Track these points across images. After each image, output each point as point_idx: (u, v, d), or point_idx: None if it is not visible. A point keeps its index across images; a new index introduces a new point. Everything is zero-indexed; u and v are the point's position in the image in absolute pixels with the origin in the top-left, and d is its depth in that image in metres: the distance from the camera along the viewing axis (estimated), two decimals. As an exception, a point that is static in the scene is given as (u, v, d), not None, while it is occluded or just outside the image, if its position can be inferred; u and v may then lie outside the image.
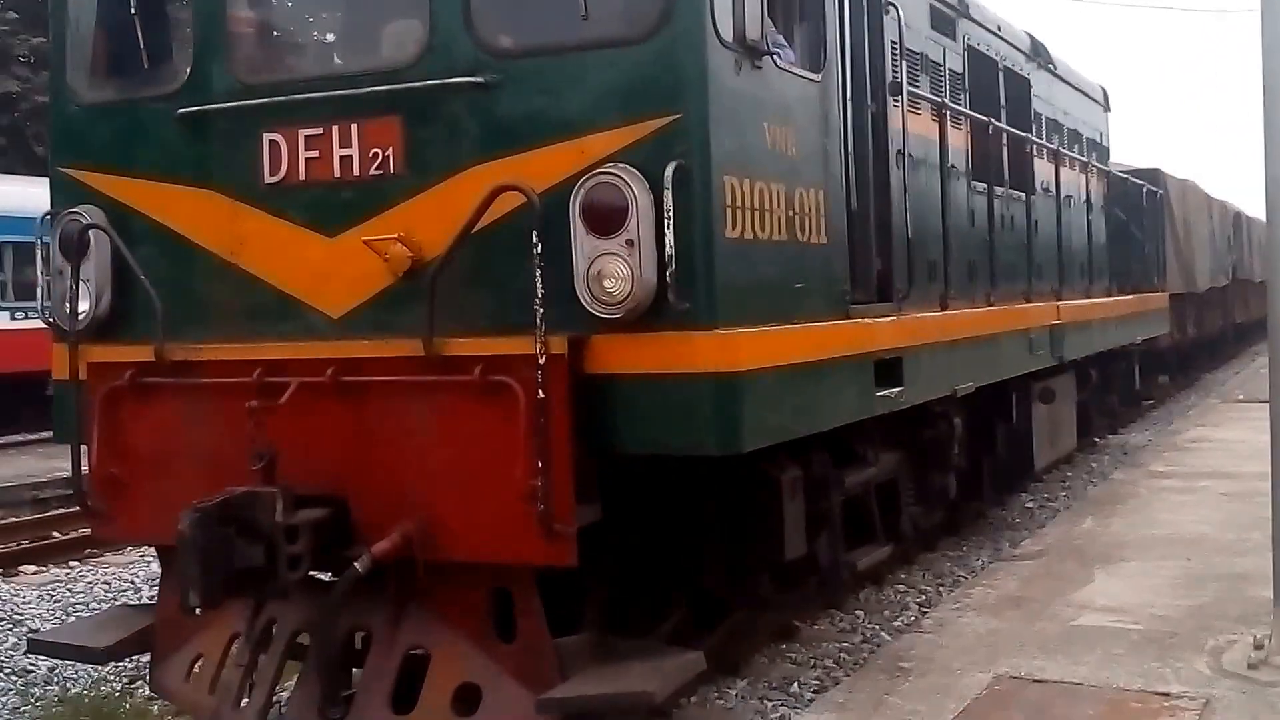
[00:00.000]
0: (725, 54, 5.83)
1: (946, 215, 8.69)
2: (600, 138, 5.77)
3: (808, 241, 6.55)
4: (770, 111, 6.22)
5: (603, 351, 5.73)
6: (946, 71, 10.18)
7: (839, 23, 7.01)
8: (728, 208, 5.79)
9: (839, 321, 6.82)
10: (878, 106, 7.66)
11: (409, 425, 5.85)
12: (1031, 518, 12.24)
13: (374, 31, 6.55)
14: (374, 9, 6.51)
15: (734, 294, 5.81)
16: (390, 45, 6.39)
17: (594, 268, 5.64)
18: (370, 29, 6.57)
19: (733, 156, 5.86)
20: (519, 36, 6.09)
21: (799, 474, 6.78)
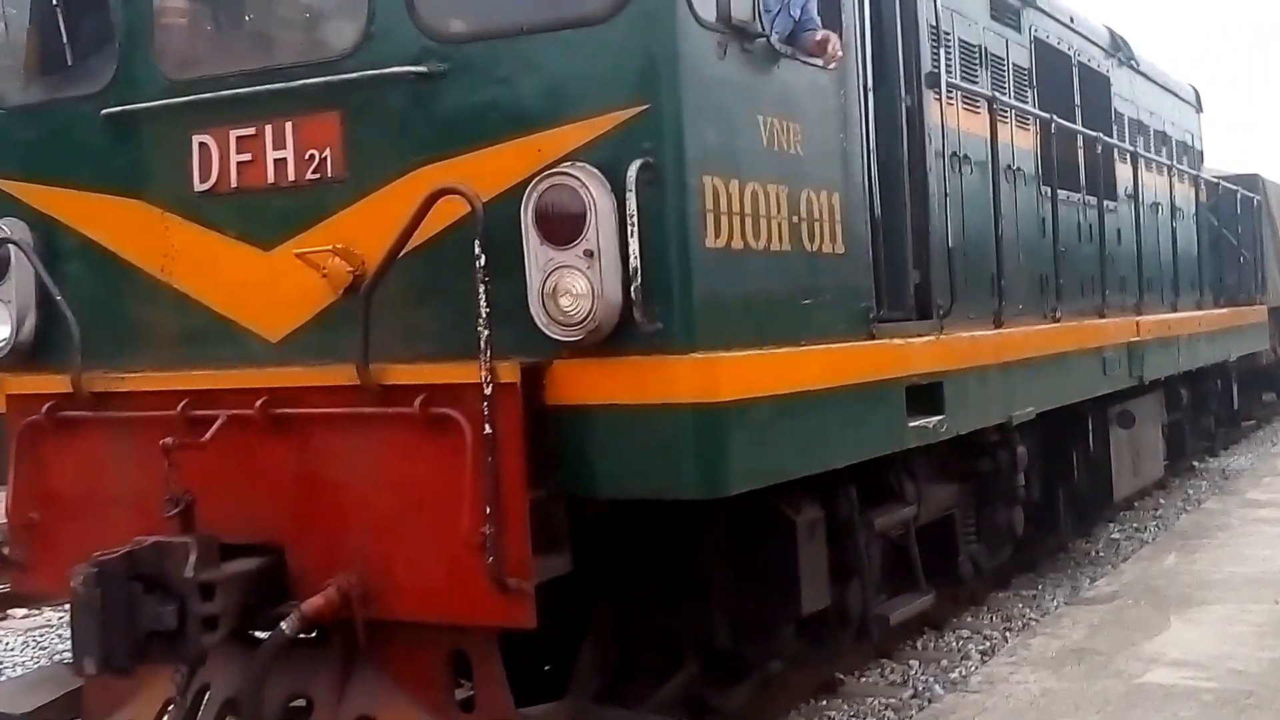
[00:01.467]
0: (705, 36, 4.93)
1: (1001, 222, 7.67)
2: (559, 133, 4.91)
3: (818, 251, 5.60)
4: (767, 103, 5.30)
5: (565, 379, 4.86)
6: (1010, 66, 9.18)
7: (856, 4, 6.06)
8: (709, 212, 4.88)
9: (860, 342, 5.86)
10: (913, 100, 6.70)
11: (346, 464, 5.03)
12: (1116, 551, 11.09)
13: (312, 18, 5.76)
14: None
15: (717, 312, 4.90)
16: (328, 33, 5.59)
17: (549, 283, 4.78)
18: (308, 15, 5.77)
19: (716, 154, 4.95)
20: (468, 20, 5.24)
21: (819, 515, 5.84)
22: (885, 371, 5.99)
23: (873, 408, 5.87)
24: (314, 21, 5.73)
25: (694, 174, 4.81)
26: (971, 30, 8.51)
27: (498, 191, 4.94)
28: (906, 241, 6.62)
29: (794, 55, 5.49)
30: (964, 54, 8.30)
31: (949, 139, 7.52)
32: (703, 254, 4.83)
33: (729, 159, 5.03)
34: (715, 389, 4.75)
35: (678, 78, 4.79)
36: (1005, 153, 8.73)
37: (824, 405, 5.45)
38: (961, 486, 7.96)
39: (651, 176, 4.73)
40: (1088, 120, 10.52)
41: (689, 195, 4.79)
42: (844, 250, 5.80)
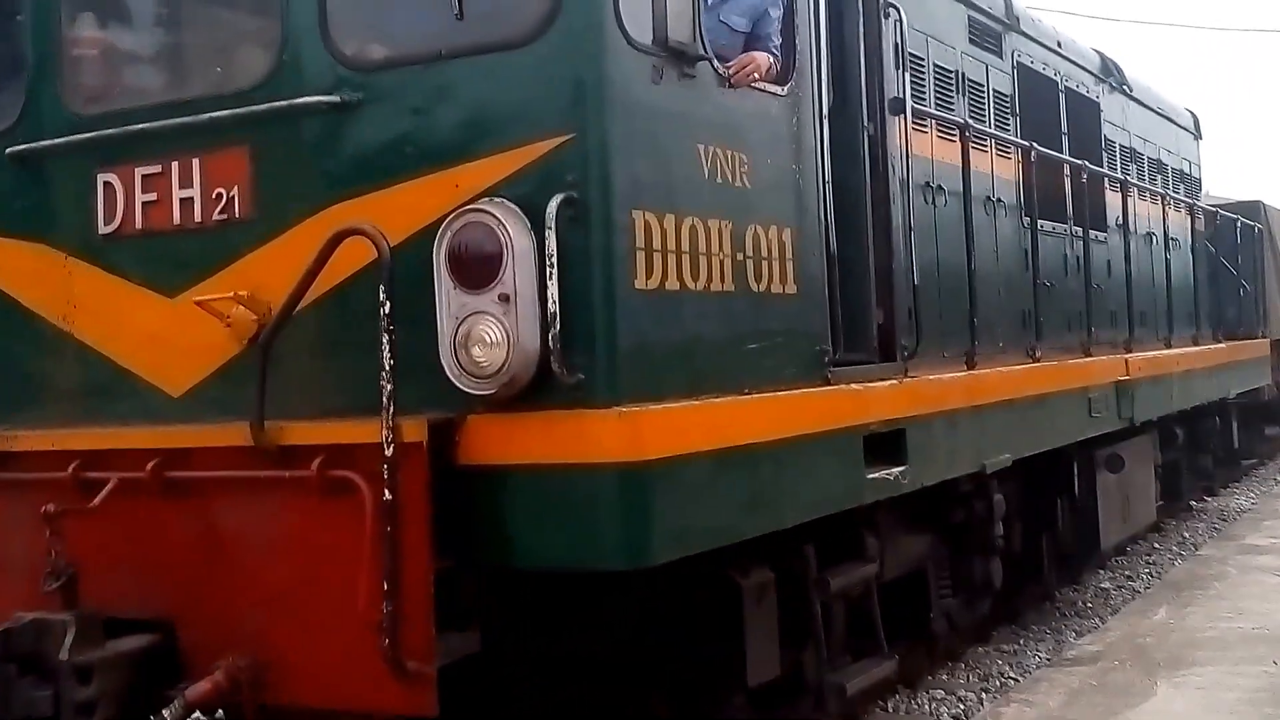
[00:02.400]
0: (637, 60, 4.62)
1: (974, 256, 7.33)
2: (478, 167, 4.59)
3: (766, 291, 5.27)
4: (709, 131, 4.98)
5: (480, 437, 4.52)
6: (990, 92, 8.89)
7: (814, 25, 5.74)
8: (639, 251, 4.55)
9: (814, 389, 5.52)
10: (876, 127, 6.38)
11: (241, 533, 4.68)
12: (1105, 601, 10.69)
13: (224, 47, 5.43)
14: (224, 20, 5.40)
15: (647, 360, 4.57)
16: (240, 63, 5.26)
17: (461, 331, 4.45)
18: (220, 44, 5.45)
19: (648, 187, 4.63)
20: (384, 46, 4.94)
21: (768, 577, 5.49)
22: (841, 420, 5.65)
23: (826, 460, 5.52)
24: (226, 50, 5.40)
25: (622, 209, 4.49)
26: (947, 55, 8.21)
27: (413, 231, 4.64)
28: (868, 278, 6.29)
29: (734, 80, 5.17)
30: (939, 80, 8.00)
31: (917, 168, 7.20)
32: (631, 296, 4.50)
33: (664, 192, 4.71)
34: (641, 446, 4.41)
35: (604, 104, 4.47)
36: (983, 182, 8.44)
37: (771, 459, 5.11)
38: (934, 538, 7.60)
39: (575, 212, 4.41)
40: (1076, 148, 10.22)
41: (616, 232, 4.46)
42: (796, 290, 5.47)
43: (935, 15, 8.15)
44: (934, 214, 7.52)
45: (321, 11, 4.89)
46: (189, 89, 5.29)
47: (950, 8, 8.44)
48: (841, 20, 6.38)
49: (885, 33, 6.44)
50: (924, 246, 7.26)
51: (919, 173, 7.32)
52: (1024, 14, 9.74)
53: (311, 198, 4.88)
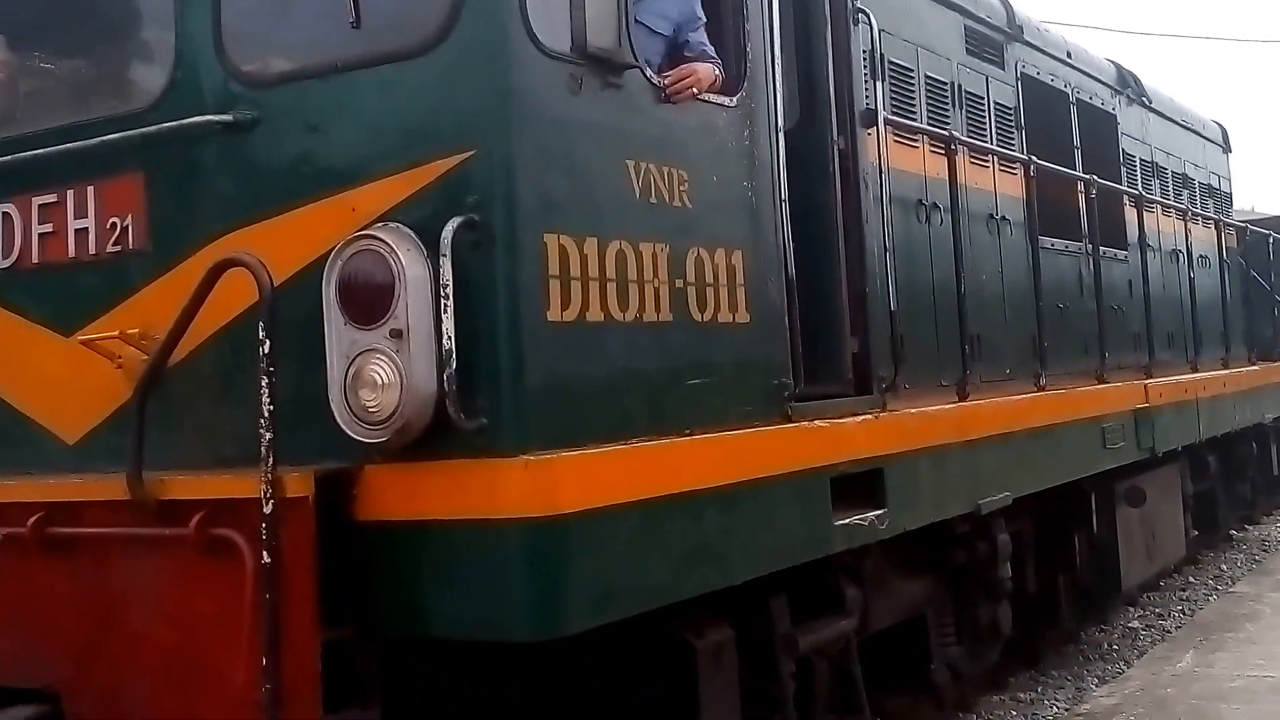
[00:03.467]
0: (551, 68, 4.18)
1: (964, 278, 6.83)
2: (376, 189, 4.16)
3: (712, 321, 4.80)
4: (641, 146, 4.53)
5: (377, 490, 4.08)
6: (990, 105, 8.40)
7: (768, 31, 5.27)
8: (553, 279, 4.10)
9: (769, 427, 5.03)
10: (846, 142, 5.90)
11: (125, 596, 4.25)
12: (1133, 643, 10.07)
13: (120, 65, 5.04)
14: (120, 37, 4.99)
15: (563, 401, 4.10)
16: (136, 82, 4.87)
17: (351, 371, 4.01)
18: (116, 62, 5.05)
19: (564, 208, 4.18)
20: (280, 58, 4.52)
21: (727, 636, 5.00)
22: (803, 460, 5.15)
23: (786, 506, 5.03)
24: (122, 69, 5.01)
25: (532, 233, 4.04)
26: (940, 66, 7.74)
27: (308, 261, 4.22)
28: (840, 304, 5.81)
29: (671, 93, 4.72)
30: (932, 92, 7.53)
31: (903, 185, 6.75)
32: (542, 330, 4.04)
33: (584, 214, 4.26)
34: (552, 499, 3.94)
35: (509, 117, 4.03)
36: (984, 200, 7.96)
37: (717, 507, 4.63)
38: (934, 581, 7.09)
39: (477, 237, 3.97)
40: (1091, 163, 9.69)
41: (524, 258, 4.01)
42: (749, 318, 5.00)
43: (926, 24, 7.69)
44: (927, 233, 7.05)
45: (215, 24, 4.49)
46: (87, 112, 4.90)
47: (944, 17, 7.97)
48: (808, 28, 5.93)
49: (855, 40, 5.96)
50: (910, 268, 6.80)
51: (907, 190, 6.88)
52: (1028, 23, 9.25)
53: (206, 226, 4.48)
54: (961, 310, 6.74)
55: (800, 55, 5.95)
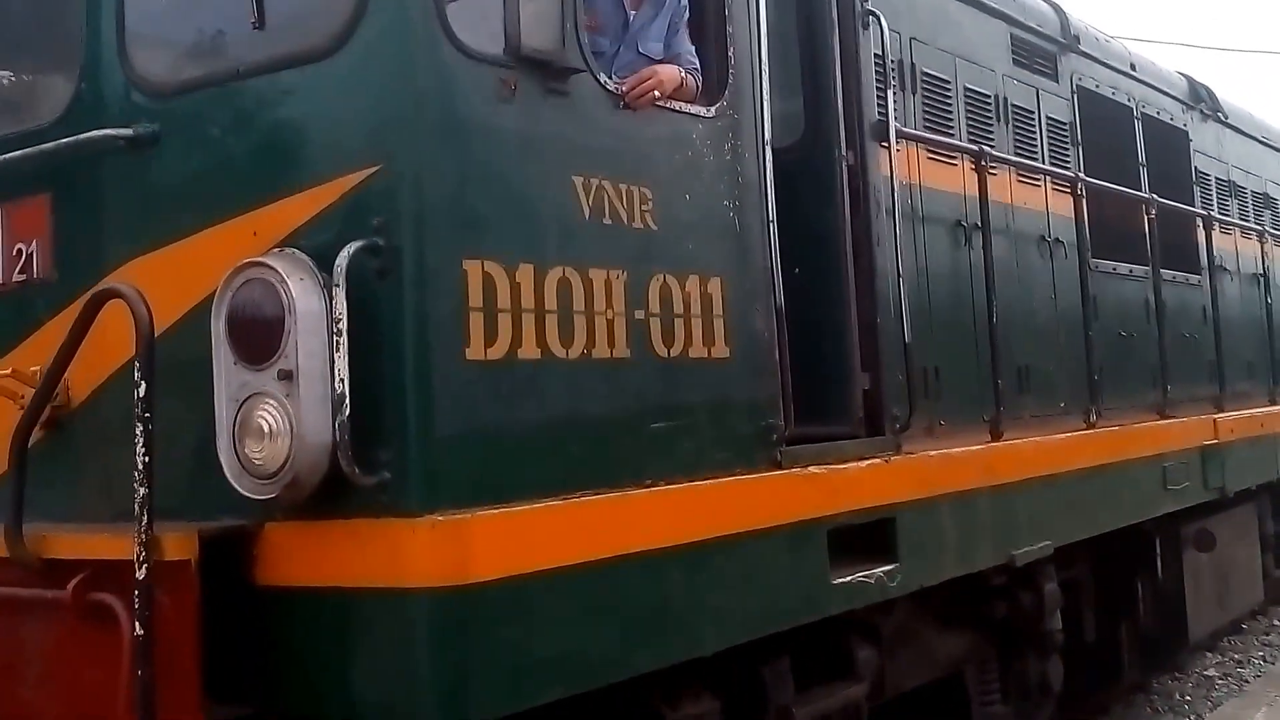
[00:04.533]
0: (474, 71, 3.63)
1: (996, 306, 6.14)
2: (278, 209, 3.64)
3: (682, 356, 4.20)
4: (591, 160, 3.95)
5: (277, 552, 3.55)
6: (1042, 119, 7.72)
7: (755, 33, 4.67)
8: (475, 311, 3.53)
9: (751, 475, 4.41)
10: (855, 156, 5.27)
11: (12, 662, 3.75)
12: (1207, 694, 9.24)
13: (30, 77, 4.58)
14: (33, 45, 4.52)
15: (485, 451, 3.53)
16: (43, 95, 4.41)
17: (240, 417, 3.48)
18: (27, 73, 4.59)
19: (490, 230, 3.62)
20: (181, 65, 4.02)
21: (709, 708, 4.39)
22: (793, 511, 4.53)
23: (771, 563, 4.40)
24: (35, 80, 4.56)
25: (448, 259, 3.49)
26: (983, 78, 7.09)
27: (209, 291, 3.67)
28: (849, 336, 5.18)
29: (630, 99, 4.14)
30: (972, 105, 6.89)
31: (931, 204, 6.12)
32: (459, 370, 3.48)
33: (518, 237, 3.69)
34: (465, 565, 3.36)
35: (419, 126, 3.49)
36: (1033, 221, 7.31)
37: (681, 568, 4.02)
38: (974, 636, 6.40)
39: (383, 264, 3.43)
40: (1159, 182, 8.93)
41: (437, 288, 3.46)
42: (728, 353, 4.39)
43: (965, 33, 7.04)
44: (968, 257, 6.41)
45: (119, 28, 4.01)
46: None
47: (986, 25, 7.32)
48: (813, 33, 5.32)
49: (864, 46, 5.34)
50: (947, 295, 6.17)
51: (943, 210, 6.25)
52: (1085, 32, 8.54)
53: (112, 253, 3.99)
54: (994, 339, 6.05)
55: (805, 63, 5.36)
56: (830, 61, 5.25)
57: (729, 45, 4.56)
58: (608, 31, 4.34)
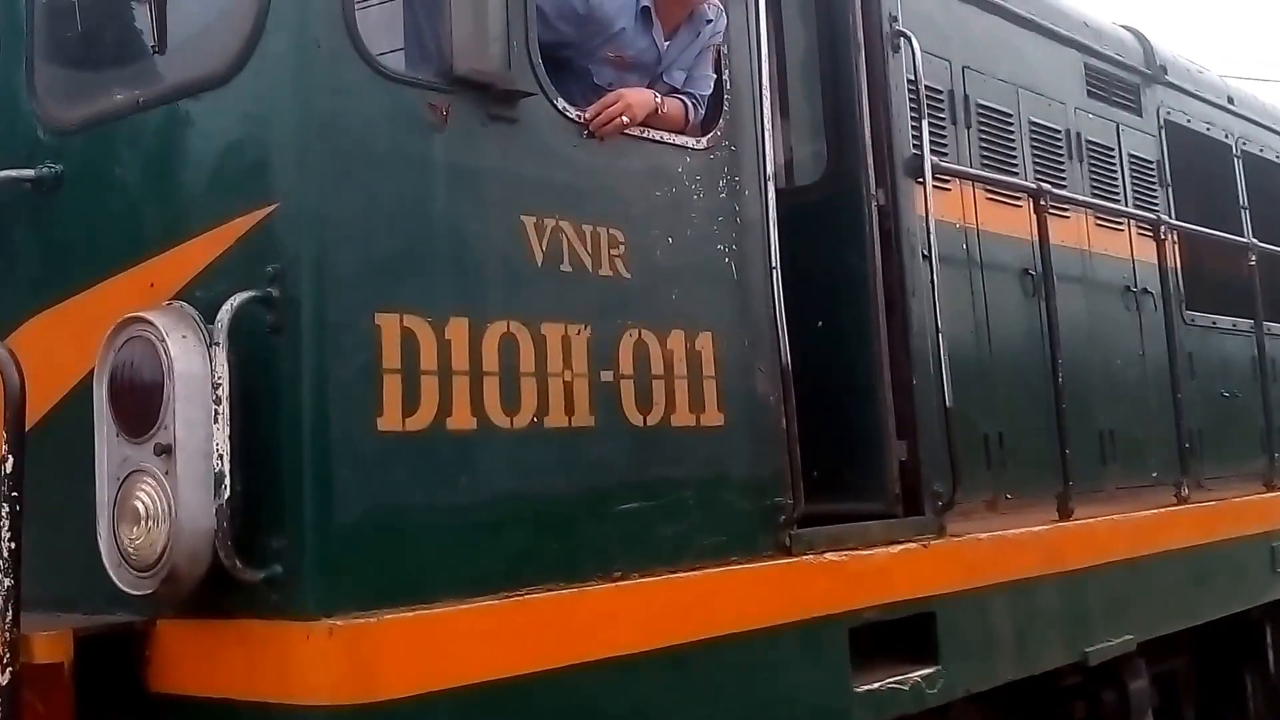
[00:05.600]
0: (393, 96, 3.23)
1: (1061, 362, 5.57)
2: (175, 257, 3.27)
3: (661, 425, 3.72)
4: (545, 198, 3.52)
5: (170, 654, 3.14)
6: (1123, 156, 7.19)
7: (756, 55, 4.21)
8: (391, 374, 3.10)
9: (750, 564, 3.91)
10: (886, 195, 4.79)
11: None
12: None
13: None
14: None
15: (398, 541, 3.08)
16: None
17: (120, 497, 3.08)
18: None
19: (413, 279, 3.20)
20: (88, 99, 3.67)
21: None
22: (805, 606, 4.00)
23: (773, 668, 3.87)
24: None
25: (356, 311, 3.08)
26: (1052, 111, 6.60)
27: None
28: (881, 399, 4.68)
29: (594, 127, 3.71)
30: (1038, 140, 6.39)
31: (991, 250, 5.66)
32: (369, 444, 3.05)
33: (447, 286, 3.27)
34: (372, 680, 2.91)
35: (322, 158, 3.09)
36: (1113, 269, 6.76)
37: (653, 678, 3.52)
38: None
39: (277, 319, 3.02)
40: (1263, 225, 8.30)
41: (341, 346, 3.04)
42: (722, 420, 3.91)
43: (1029, 62, 6.56)
44: (1033, 309, 5.88)
45: (28, 60, 3.70)
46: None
47: (1056, 53, 6.83)
48: (836, 57, 4.88)
49: (893, 71, 4.86)
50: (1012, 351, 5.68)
51: (1005, 256, 5.77)
52: (1174, 62, 7.98)
53: (16, 306, 3.65)
54: (1059, 401, 5.49)
55: (827, 91, 4.91)
56: (855, 89, 4.79)
57: (724, 68, 4.13)
58: (638, 68, 3.96)
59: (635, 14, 3.91)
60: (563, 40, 3.82)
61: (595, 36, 3.86)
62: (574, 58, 3.86)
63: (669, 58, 4.00)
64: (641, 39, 3.94)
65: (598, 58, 3.87)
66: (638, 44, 3.93)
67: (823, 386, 4.64)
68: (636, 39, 3.92)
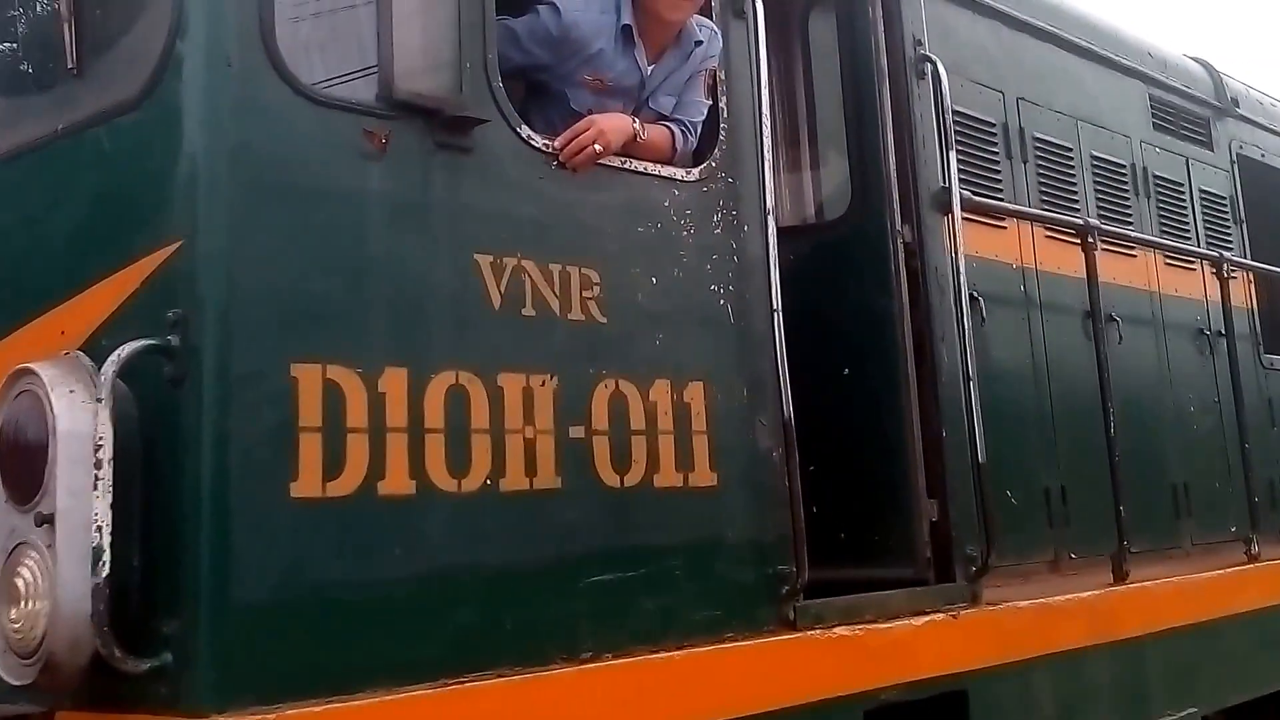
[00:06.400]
0: (321, 121, 2.79)
1: (1113, 410, 4.96)
2: (85, 302, 2.85)
3: (641, 486, 3.21)
4: (503, 234, 3.05)
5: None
6: (1194, 192, 6.57)
7: (756, 78, 3.71)
8: (309, 433, 2.64)
9: (752, 640, 3.38)
10: (913, 231, 4.26)
11: None
12: None
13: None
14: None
15: (312, 626, 2.61)
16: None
17: (5, 572, 2.66)
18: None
19: (340, 324, 2.75)
20: (12, 128, 3.28)
21: None
22: (813, 686, 3.46)
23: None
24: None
25: (267, 361, 2.63)
26: (1114, 145, 6.01)
27: (16, 405, 2.90)
28: (910, 453, 4.13)
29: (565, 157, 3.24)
30: (1101, 176, 5.82)
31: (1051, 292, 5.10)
32: (280, 513, 2.58)
33: (383, 332, 2.81)
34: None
35: (231, 191, 2.65)
36: (1184, 311, 6.14)
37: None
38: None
39: (177, 371, 2.58)
40: None
41: (247, 402, 2.59)
42: (715, 480, 3.40)
43: (1090, 94, 5.99)
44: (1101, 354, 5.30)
45: (-37, 91, 3.34)
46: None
47: (1118, 85, 6.25)
48: (858, 85, 4.37)
49: (920, 99, 4.34)
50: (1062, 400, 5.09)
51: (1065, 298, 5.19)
52: (1246, 95, 7.34)
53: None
54: (1112, 452, 4.89)
55: (850, 122, 4.40)
56: (879, 119, 4.28)
57: (720, 93, 3.64)
58: (619, 93, 3.50)
59: (615, 34, 3.45)
60: (537, 63, 3.37)
61: (571, 58, 3.41)
62: (549, 81, 3.42)
63: (654, 81, 3.53)
64: (621, 60, 3.47)
65: (574, 81, 3.42)
66: (617, 66, 3.46)
67: (849, 440, 4.14)
68: (616, 61, 3.46)
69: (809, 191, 4.74)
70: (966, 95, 5.03)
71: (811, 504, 3.68)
